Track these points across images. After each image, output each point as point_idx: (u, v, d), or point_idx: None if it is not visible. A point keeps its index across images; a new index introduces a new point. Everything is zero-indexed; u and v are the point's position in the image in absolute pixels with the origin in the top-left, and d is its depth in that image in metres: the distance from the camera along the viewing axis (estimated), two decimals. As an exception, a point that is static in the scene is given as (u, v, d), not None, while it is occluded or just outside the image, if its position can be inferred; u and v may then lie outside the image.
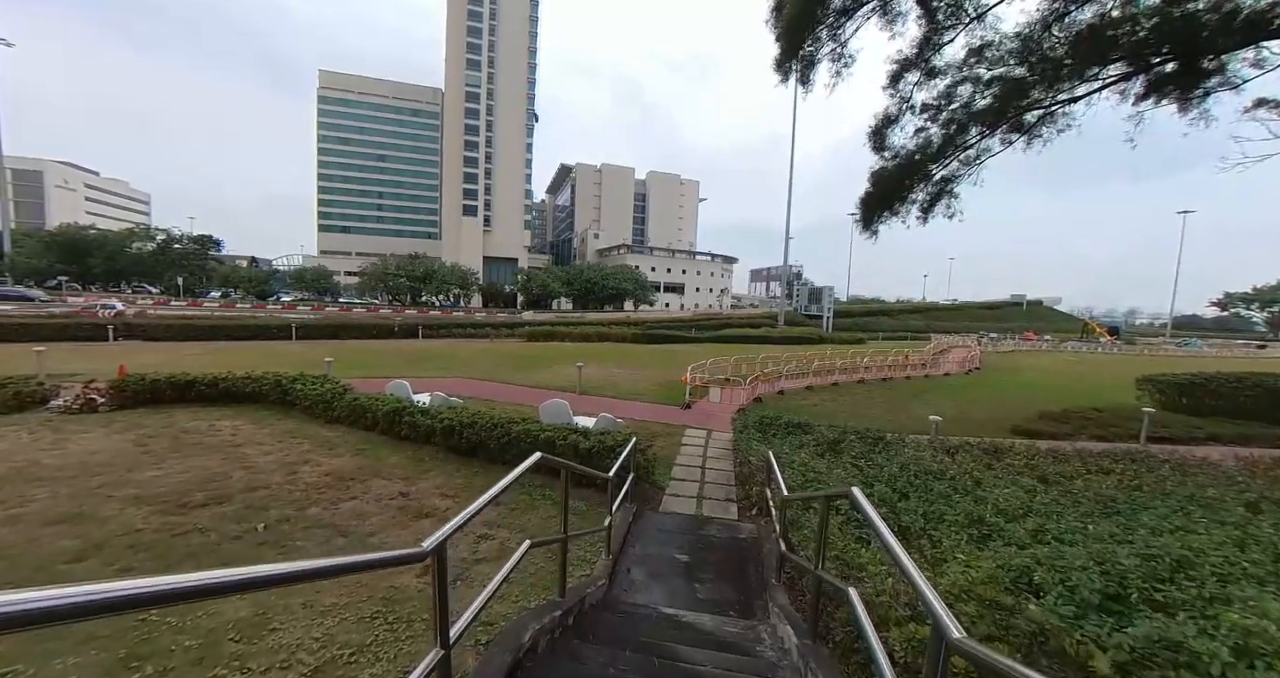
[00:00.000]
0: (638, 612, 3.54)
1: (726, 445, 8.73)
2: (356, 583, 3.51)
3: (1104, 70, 8.30)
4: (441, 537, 1.63)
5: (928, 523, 4.11)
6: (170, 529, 4.28)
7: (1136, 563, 3.12)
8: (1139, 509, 4.71)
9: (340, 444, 7.38)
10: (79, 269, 51.16)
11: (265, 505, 4.97)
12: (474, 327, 36.84)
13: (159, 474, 5.65)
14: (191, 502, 4.89)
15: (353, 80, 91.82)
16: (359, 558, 1.35)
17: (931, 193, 10.28)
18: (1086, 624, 2.51)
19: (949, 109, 10.02)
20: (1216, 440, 10.95)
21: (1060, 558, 3.25)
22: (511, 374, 16.24)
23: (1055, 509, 4.58)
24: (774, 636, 3.27)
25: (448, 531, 1.66)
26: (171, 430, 7.68)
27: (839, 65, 9.09)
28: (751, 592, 4.04)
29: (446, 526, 1.69)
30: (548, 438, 6.37)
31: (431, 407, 7.98)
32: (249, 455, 6.56)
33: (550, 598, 3.26)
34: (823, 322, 58.62)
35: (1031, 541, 3.68)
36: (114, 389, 9.45)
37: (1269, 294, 79.01)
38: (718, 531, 5.32)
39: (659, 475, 6.91)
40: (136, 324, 25.15)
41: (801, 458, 6.21)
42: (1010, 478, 5.91)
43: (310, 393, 9.09)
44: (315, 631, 2.79)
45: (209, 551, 3.97)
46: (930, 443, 7.89)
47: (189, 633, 2.70)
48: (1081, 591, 2.79)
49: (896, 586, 2.51)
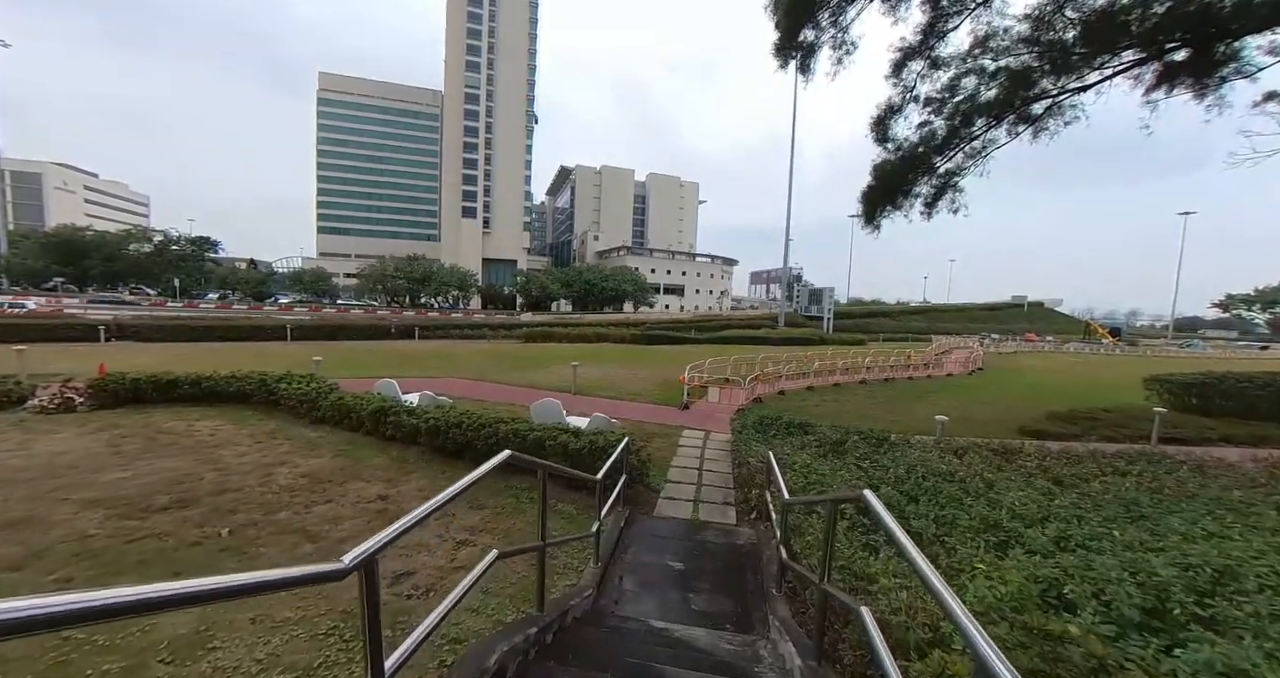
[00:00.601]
0: (626, 627, 3.23)
1: (725, 446, 8.43)
2: (318, 594, 3.21)
3: (1114, 58, 8.03)
4: (369, 550, 1.33)
5: (940, 529, 3.82)
6: (125, 535, 3.98)
7: (1174, 574, 2.82)
8: (1165, 513, 4.40)
9: (322, 445, 7.09)
10: (76, 271, 50.92)
11: (233, 509, 4.68)
12: (471, 328, 36.58)
13: (125, 476, 5.35)
14: (153, 505, 4.59)
15: (352, 82, 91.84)
16: (249, 579, 1.05)
17: (935, 186, 9.99)
18: (1129, 645, 2.22)
19: (952, 102, 9.76)
20: (1230, 442, 10.64)
21: (1090, 568, 2.96)
22: (506, 374, 15.95)
23: (1075, 513, 4.27)
24: (774, 654, 2.96)
25: (377, 542, 1.37)
26: (147, 431, 7.39)
27: (840, 52, 8.81)
28: (750, 603, 3.74)
29: (377, 536, 1.40)
30: (536, 438, 6.08)
31: (418, 406, 7.69)
32: (224, 457, 6.26)
33: (528, 612, 2.97)
34: (823, 323, 58.31)
35: (1055, 548, 3.38)
36: (93, 389, 9.16)
37: (1271, 295, 78.61)
38: (715, 536, 5.01)
39: (654, 478, 6.60)
40: (129, 325, 24.90)
41: (803, 459, 5.91)
42: (1024, 480, 5.61)
43: (295, 392, 8.80)
44: (260, 650, 2.49)
45: (163, 558, 3.68)
46: (936, 444, 7.58)
47: (117, 653, 2.40)
48: (1119, 606, 2.49)
49: (913, 601, 2.21)
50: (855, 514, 4.13)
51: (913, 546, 1.54)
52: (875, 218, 10.57)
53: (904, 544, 1.54)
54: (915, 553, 1.48)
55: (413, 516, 1.53)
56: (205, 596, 0.95)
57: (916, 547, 1.53)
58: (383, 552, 1.43)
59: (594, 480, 4.03)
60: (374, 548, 1.35)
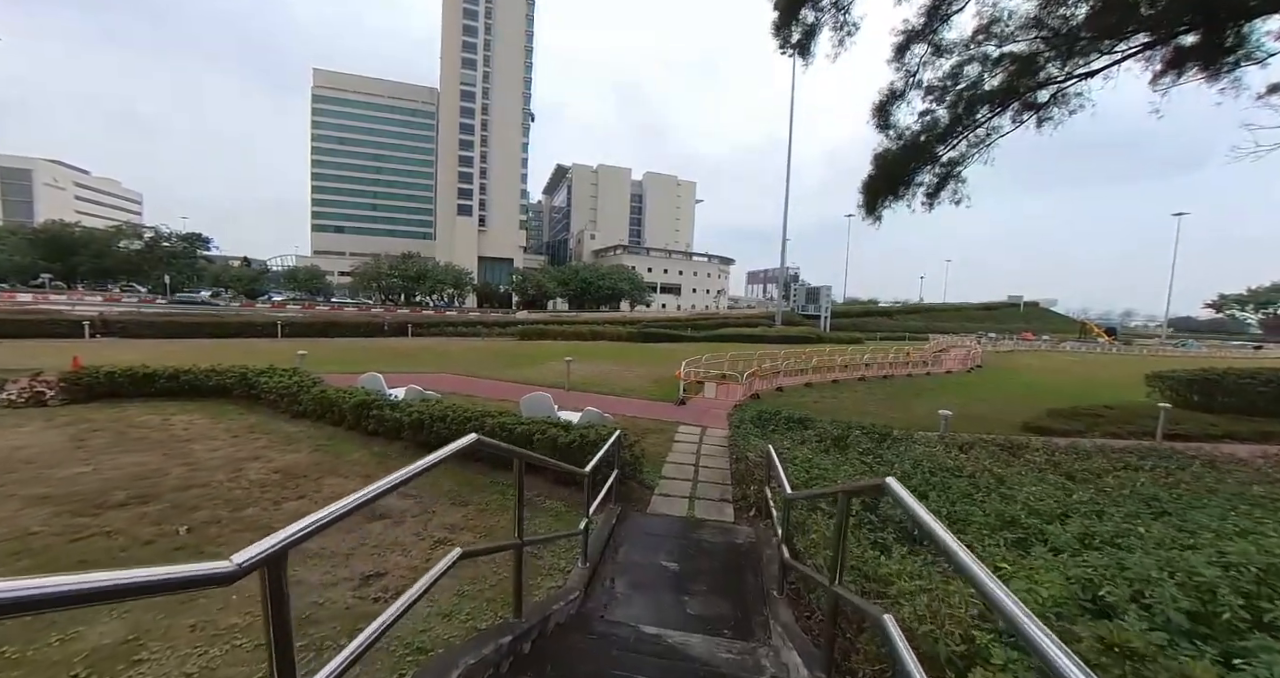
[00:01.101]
0: (614, 633, 2.95)
1: (722, 442, 8.15)
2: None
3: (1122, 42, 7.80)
4: (271, 547, 1.04)
5: (954, 525, 3.55)
6: (72, 533, 3.66)
7: (1217, 573, 2.56)
8: (1187, 509, 4.16)
9: (301, 440, 6.77)
10: (63, 267, 50.16)
11: (196, 506, 4.36)
12: (466, 325, 36.22)
13: (84, 471, 5.02)
14: (109, 502, 4.28)
15: (347, 79, 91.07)
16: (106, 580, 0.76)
17: (938, 175, 9.74)
18: (1179, 654, 1.95)
19: (955, 90, 9.51)
20: (1234, 438, 10.47)
21: (1122, 567, 2.69)
22: (499, 370, 15.63)
23: (1095, 509, 4.02)
24: (777, 663, 2.68)
25: (281, 539, 1.08)
26: (118, 425, 7.05)
27: (841, 33, 8.54)
28: (749, 606, 3.46)
29: (284, 530, 1.11)
30: (524, 432, 5.79)
31: (403, 401, 7.38)
32: (195, 451, 5.93)
33: (505, 618, 2.68)
34: (820, 321, 58.03)
35: (1080, 546, 3.12)
36: (66, 382, 8.81)
37: (1263, 296, 79.04)
38: (711, 534, 4.73)
39: (648, 474, 6.31)
40: (115, 321, 24.43)
41: (804, 454, 5.65)
42: (1035, 475, 5.35)
43: (276, 386, 8.48)
44: (192, 663, 2.19)
45: (109, 557, 3.37)
46: (941, 439, 7.33)
47: (25, 667, 2.10)
48: (1163, 609, 2.23)
49: (937, 606, 1.94)
50: (862, 511, 3.86)
51: (956, 541, 1.26)
52: (877, 208, 10.31)
53: (945, 540, 1.27)
54: (963, 552, 1.21)
55: (336, 507, 1.24)
56: (28, 602, 0.67)
57: (960, 543, 1.25)
58: (297, 548, 1.14)
59: (581, 474, 3.75)
60: (276, 546, 1.05)
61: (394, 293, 60.70)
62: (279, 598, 1.10)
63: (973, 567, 1.16)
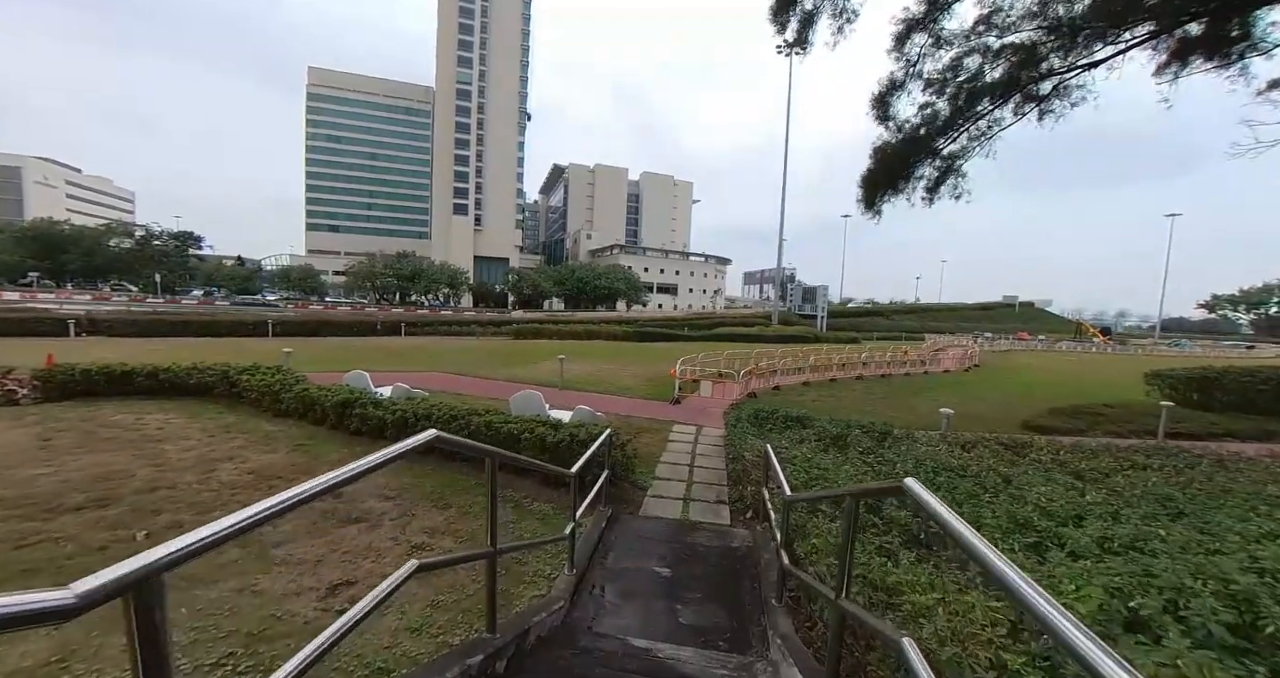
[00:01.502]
0: (600, 648, 2.72)
1: (718, 441, 7.94)
2: (230, 609, 2.67)
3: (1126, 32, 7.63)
4: (133, 572, 0.81)
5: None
6: (17, 539, 3.40)
7: (1253, 580, 2.36)
8: (1205, 509, 3.97)
9: (280, 439, 6.50)
10: (53, 266, 49.48)
11: (159, 509, 4.11)
12: (460, 324, 35.91)
13: (44, 473, 4.75)
14: (65, 505, 4.01)
15: (343, 77, 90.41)
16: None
17: (938, 169, 9.56)
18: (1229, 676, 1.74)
19: (955, 82, 9.32)
20: (1235, 436, 10.36)
21: (1151, 574, 2.48)
22: (492, 369, 15.37)
23: (1110, 510, 3.82)
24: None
25: (152, 560, 0.84)
26: (89, 424, 6.77)
27: (840, 21, 8.33)
28: (746, 615, 3.24)
29: (161, 547, 0.87)
30: (511, 431, 5.54)
31: (387, 399, 7.13)
32: (166, 452, 5.66)
33: (478, 633, 2.44)
34: (817, 321, 57.96)
35: (1100, 550, 2.91)
36: (39, 380, 8.50)
37: (1255, 297, 79.61)
38: (706, 538, 4.51)
39: (641, 474, 6.08)
40: (102, 320, 24.01)
41: (803, 453, 5.43)
42: (1042, 475, 5.16)
43: (257, 384, 8.20)
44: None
45: (54, 566, 3.11)
46: (943, 437, 7.14)
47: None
48: (1203, 621, 2.02)
49: (958, 626, 1.72)
50: (864, 512, 3.64)
51: (993, 550, 1.04)
52: (876, 203, 10.12)
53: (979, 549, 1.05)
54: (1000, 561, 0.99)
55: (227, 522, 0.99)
56: None
57: (997, 551, 1.04)
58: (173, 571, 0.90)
59: (568, 476, 3.52)
60: (140, 570, 0.82)
61: (389, 292, 60.26)
62: (150, 633, 0.87)
63: (1016, 579, 0.96)
